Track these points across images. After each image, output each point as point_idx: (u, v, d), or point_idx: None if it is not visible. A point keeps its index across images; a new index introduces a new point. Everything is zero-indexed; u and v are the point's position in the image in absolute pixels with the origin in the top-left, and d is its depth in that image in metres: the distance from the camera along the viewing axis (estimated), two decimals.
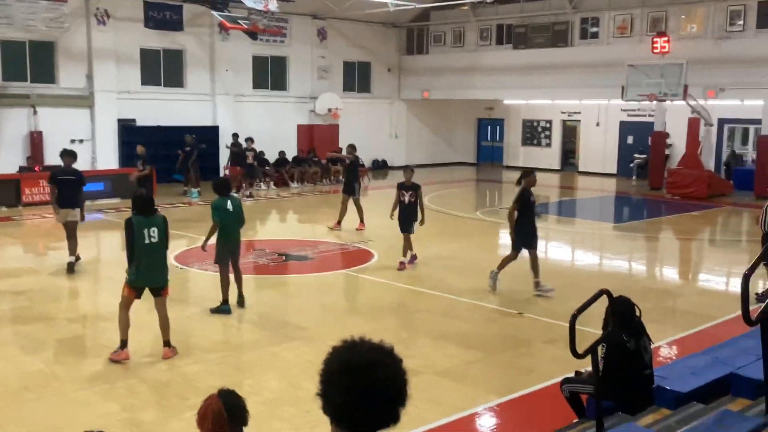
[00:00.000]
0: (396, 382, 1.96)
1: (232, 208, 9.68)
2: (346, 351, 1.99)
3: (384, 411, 1.95)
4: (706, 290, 12.06)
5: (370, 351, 1.99)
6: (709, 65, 21.93)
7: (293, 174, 24.67)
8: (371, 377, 1.92)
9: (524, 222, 10.67)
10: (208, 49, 25.05)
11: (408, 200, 12.27)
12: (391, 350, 2.01)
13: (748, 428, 3.73)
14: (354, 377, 1.92)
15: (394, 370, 1.97)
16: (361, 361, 1.95)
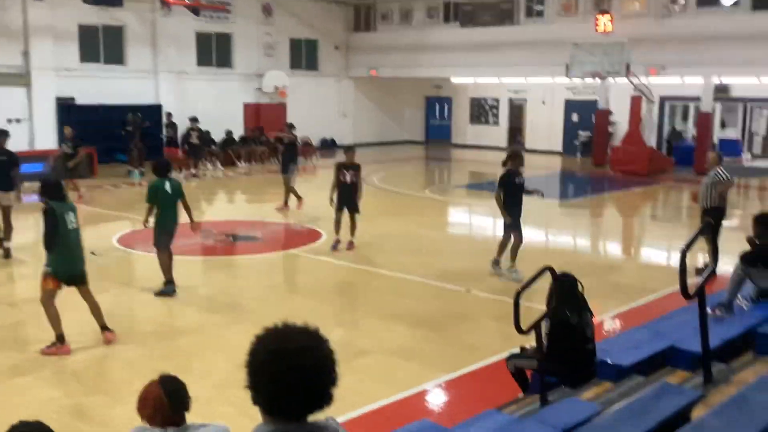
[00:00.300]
0: (326, 363, 1.96)
1: (170, 190, 9.45)
2: (271, 338, 1.96)
3: (317, 394, 1.94)
4: (647, 265, 12.37)
5: (297, 336, 1.96)
6: (651, 43, 22.32)
7: (240, 153, 24.35)
8: (301, 362, 1.90)
9: (512, 204, 10.47)
10: (150, 26, 24.39)
11: (350, 180, 11.96)
12: (317, 332, 2.00)
13: (686, 400, 3.83)
14: (283, 364, 1.89)
15: (322, 352, 1.96)
16: (289, 347, 1.92)
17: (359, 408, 6.21)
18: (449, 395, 6.72)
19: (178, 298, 9.48)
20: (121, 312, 9.06)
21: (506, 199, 10.41)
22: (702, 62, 21.82)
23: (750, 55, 21.11)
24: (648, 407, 3.72)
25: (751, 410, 3.46)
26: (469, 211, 17.84)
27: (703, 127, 22.82)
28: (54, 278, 7.44)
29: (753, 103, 25.27)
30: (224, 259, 12.08)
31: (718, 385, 4.48)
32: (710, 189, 10.43)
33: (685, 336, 5.64)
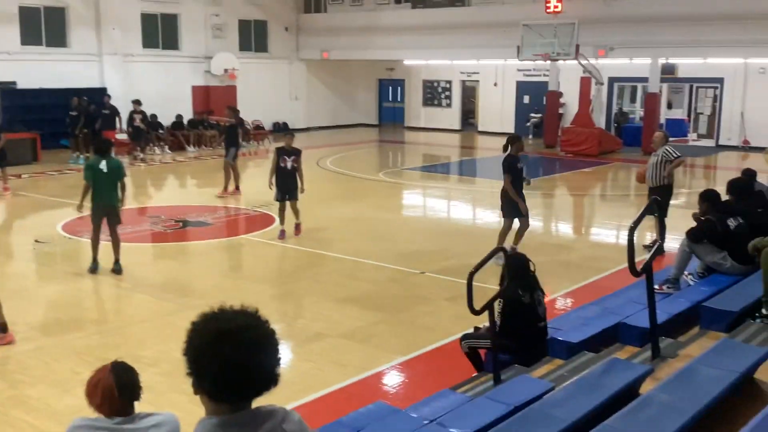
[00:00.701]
0: (269, 341, 1.92)
1: (106, 169, 9.30)
2: (211, 321, 1.90)
3: (263, 373, 1.90)
4: (597, 243, 12.57)
5: (237, 316, 1.91)
6: (600, 25, 22.57)
7: (189, 137, 23.93)
8: (245, 342, 1.85)
9: (517, 190, 10.31)
10: (93, 7, 23.68)
11: (290, 166, 11.55)
12: (256, 312, 1.95)
13: (634, 375, 3.89)
14: (228, 344, 1.84)
15: (263, 330, 1.92)
16: (231, 327, 1.87)
17: (314, 392, 6.18)
18: (404, 377, 6.73)
19: (127, 285, 9.30)
20: (68, 300, 8.86)
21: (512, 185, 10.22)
22: (649, 43, 22.19)
23: (695, 36, 21.54)
24: (598, 383, 3.76)
25: (696, 383, 3.53)
26: (423, 193, 17.88)
27: (651, 108, 23.22)
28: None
29: (698, 84, 25.81)
30: (174, 245, 11.87)
31: (666, 359, 4.56)
32: (658, 168, 10.61)
33: (634, 312, 5.74)
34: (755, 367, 3.91)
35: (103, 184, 9.36)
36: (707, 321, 5.32)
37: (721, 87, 24.95)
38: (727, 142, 24.81)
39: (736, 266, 6.76)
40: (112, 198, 9.47)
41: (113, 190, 9.44)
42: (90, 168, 9.39)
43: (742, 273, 6.64)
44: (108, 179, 9.34)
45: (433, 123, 31.50)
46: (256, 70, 28.46)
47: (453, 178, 21.02)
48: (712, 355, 3.96)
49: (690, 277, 7.24)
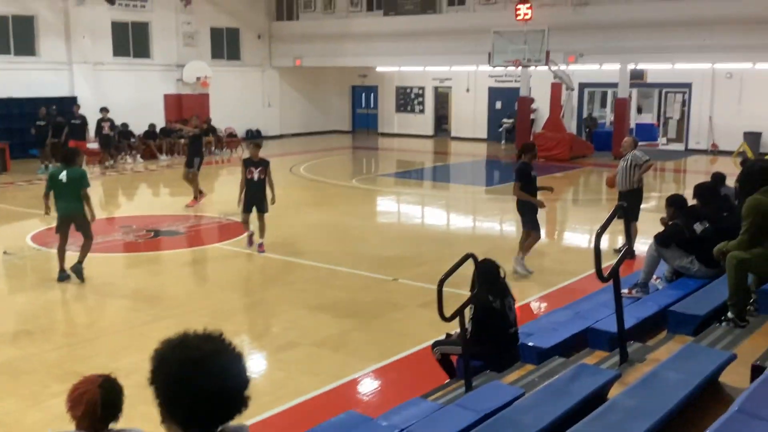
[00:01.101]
0: (238, 366, 1.90)
1: (65, 179, 9.33)
2: (179, 349, 1.88)
3: (236, 399, 1.89)
4: (569, 248, 12.68)
5: (204, 343, 1.89)
6: (570, 31, 22.83)
7: (162, 146, 23.76)
8: (215, 369, 1.84)
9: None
10: (63, 15, 23.46)
11: (257, 177, 11.17)
12: (221, 336, 1.94)
13: (603, 380, 3.94)
14: (199, 374, 1.82)
15: (232, 355, 1.91)
16: (201, 355, 1.85)
17: (286, 402, 6.17)
18: (376, 385, 6.74)
19: (98, 296, 9.21)
20: (37, 312, 8.75)
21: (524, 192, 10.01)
22: (618, 49, 22.48)
23: (663, 42, 21.88)
24: (566, 389, 3.80)
25: (662, 387, 3.58)
26: (396, 199, 17.92)
27: (620, 113, 23.51)
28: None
29: (667, 89, 26.19)
30: (146, 255, 11.77)
31: (634, 363, 4.62)
32: (627, 172, 10.76)
33: (604, 317, 5.80)
34: (720, 370, 3.97)
35: (62, 194, 9.40)
36: (674, 325, 5.39)
37: (689, 92, 25.34)
38: (696, 146, 25.20)
39: (703, 270, 6.87)
40: (72, 208, 9.43)
41: (74, 200, 9.41)
42: (50, 178, 9.51)
43: (709, 276, 6.74)
44: (67, 189, 9.35)
45: (407, 129, 31.60)
46: (229, 78, 28.35)
47: (426, 184, 21.09)
48: (678, 360, 4.01)
49: (658, 281, 7.34)
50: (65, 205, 9.45)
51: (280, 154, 25.59)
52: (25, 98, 21.81)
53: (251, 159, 11.36)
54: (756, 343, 4.70)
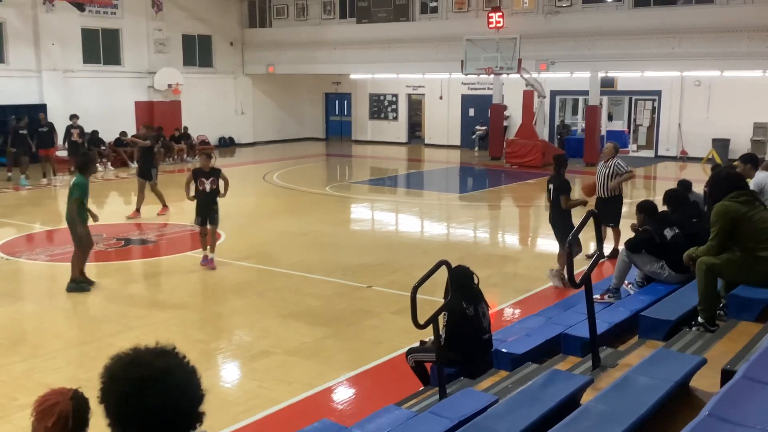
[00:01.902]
0: (192, 382, 1.86)
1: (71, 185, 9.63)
2: (130, 367, 1.82)
3: (190, 415, 1.84)
4: (542, 254, 12.73)
5: (156, 359, 1.84)
6: (541, 39, 23.05)
7: (132, 154, 23.47)
8: (169, 387, 1.80)
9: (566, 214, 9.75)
10: (32, 22, 23.16)
11: (210, 188, 10.77)
12: (174, 350, 1.89)
13: (575, 385, 3.95)
14: (151, 392, 1.78)
15: (185, 371, 1.86)
16: (153, 373, 1.80)
17: (259, 411, 6.11)
18: (351, 393, 6.71)
19: (67, 306, 9.06)
20: (5, 323, 8.58)
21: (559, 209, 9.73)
22: (588, 57, 22.75)
23: (633, 50, 22.17)
24: (539, 395, 3.81)
25: (633, 392, 3.60)
26: (370, 206, 17.91)
27: (591, 120, 23.76)
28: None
29: (637, 96, 26.52)
30: (116, 264, 11.61)
31: (606, 369, 4.65)
32: (608, 180, 10.91)
33: (576, 322, 5.84)
34: (690, 375, 4.01)
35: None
36: (645, 330, 5.44)
37: (659, 99, 25.69)
38: (665, 153, 25.54)
39: (673, 275, 6.95)
40: (66, 214, 9.67)
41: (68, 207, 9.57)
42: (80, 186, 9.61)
43: (679, 281, 6.82)
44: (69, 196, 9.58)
45: (380, 136, 31.65)
46: (201, 85, 28.19)
47: (400, 191, 21.11)
48: (649, 365, 4.04)
49: (630, 287, 7.41)
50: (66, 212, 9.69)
51: (253, 161, 25.47)
52: None
53: (201, 169, 10.89)
54: (726, 347, 4.75)
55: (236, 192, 12.62)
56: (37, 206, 16.89)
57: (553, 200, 9.79)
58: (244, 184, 20.21)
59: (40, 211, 16.28)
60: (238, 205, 15.84)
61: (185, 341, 7.58)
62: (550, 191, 9.85)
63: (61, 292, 9.53)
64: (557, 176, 9.83)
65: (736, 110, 23.39)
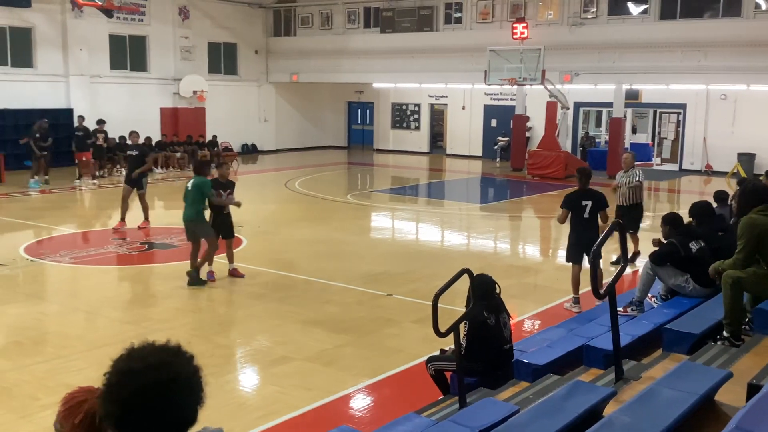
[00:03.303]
0: (181, 381, 1.82)
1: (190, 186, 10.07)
2: (124, 359, 1.83)
3: (176, 414, 1.81)
4: (564, 266, 12.63)
5: (151, 353, 1.84)
6: (565, 51, 22.98)
7: (157, 159, 23.69)
8: (153, 380, 1.78)
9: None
10: (60, 27, 23.52)
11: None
12: (178, 348, 1.88)
13: (598, 397, 3.91)
14: (133, 384, 1.77)
15: (180, 368, 1.83)
16: (141, 365, 1.80)
17: (278, 416, 6.11)
18: (370, 400, 6.69)
19: (90, 308, 9.14)
20: (29, 324, 8.68)
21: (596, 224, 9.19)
22: (613, 69, 22.63)
23: (658, 62, 22.03)
24: (561, 406, 3.77)
25: (658, 405, 3.56)
26: (390, 215, 17.91)
27: (615, 132, 23.60)
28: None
29: (662, 109, 26.32)
30: (139, 267, 11.71)
31: (629, 381, 4.59)
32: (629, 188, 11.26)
33: (598, 334, 5.79)
34: (715, 389, 3.95)
35: (186, 201, 10.08)
36: (669, 343, 5.37)
37: (683, 112, 25.47)
38: (690, 167, 25.30)
39: (698, 289, 6.86)
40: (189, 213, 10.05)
41: (193, 207, 10.01)
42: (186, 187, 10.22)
43: (704, 296, 6.74)
44: (189, 196, 10.03)
45: (402, 146, 31.67)
46: (225, 93, 28.41)
47: (421, 201, 21.09)
48: (674, 378, 3.99)
49: (653, 300, 7.33)
50: (186, 211, 10.10)
51: (275, 168, 25.60)
52: (20, 109, 21.79)
53: (218, 180, 10.55)
54: (751, 361, 4.68)
55: (258, 198, 12.69)
56: (63, 209, 17.08)
57: (590, 216, 9.09)
58: (265, 191, 20.32)
59: (65, 214, 16.46)
60: (259, 211, 15.92)
61: (206, 345, 7.62)
62: (585, 208, 9.07)
63: (82, 295, 9.61)
64: (591, 190, 9.30)
65: (763, 124, 23.14)
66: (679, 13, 22.46)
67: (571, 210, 9.14)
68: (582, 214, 9.07)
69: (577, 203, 9.12)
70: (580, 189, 9.26)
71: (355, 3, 28.98)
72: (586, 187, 9.24)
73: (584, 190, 9.22)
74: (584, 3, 23.93)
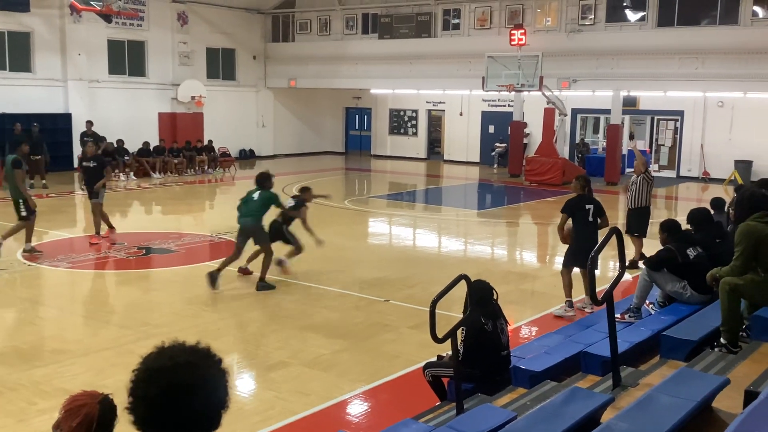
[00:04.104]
0: (209, 383, 1.84)
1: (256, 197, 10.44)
2: (154, 357, 1.85)
3: (198, 416, 1.83)
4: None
5: (180, 353, 1.86)
6: (563, 57, 23.05)
7: (155, 164, 23.73)
8: (178, 381, 1.80)
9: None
10: (59, 32, 23.54)
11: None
12: (207, 351, 1.90)
13: (596, 404, 3.91)
14: (158, 383, 1.79)
15: (205, 371, 1.85)
16: (168, 364, 1.82)
17: (275, 422, 6.11)
18: (367, 406, 6.68)
19: (88, 313, 9.13)
20: (26, 329, 8.67)
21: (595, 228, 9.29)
22: (611, 76, 22.70)
23: (655, 69, 22.11)
24: (559, 412, 3.77)
25: (655, 411, 3.56)
26: (388, 221, 17.91)
27: (613, 139, 23.65)
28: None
29: (660, 116, 26.39)
30: (137, 272, 11.69)
31: (627, 388, 4.60)
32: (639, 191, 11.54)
33: (596, 341, 5.79)
34: (713, 395, 3.96)
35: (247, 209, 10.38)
36: (667, 350, 5.38)
37: (681, 119, 25.54)
38: (687, 174, 25.36)
39: (695, 296, 6.87)
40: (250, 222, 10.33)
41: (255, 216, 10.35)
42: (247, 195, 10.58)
43: (701, 302, 6.75)
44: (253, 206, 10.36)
45: (400, 151, 31.71)
46: (224, 98, 28.45)
47: (418, 207, 21.10)
48: (671, 384, 4.00)
49: (651, 306, 7.34)
50: (246, 219, 10.33)
51: (273, 174, 25.58)
52: (18, 113, 21.77)
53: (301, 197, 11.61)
54: (749, 368, 4.69)
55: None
56: (61, 213, 17.06)
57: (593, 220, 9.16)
58: None
59: (63, 218, 16.44)
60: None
61: None
62: (588, 212, 9.12)
63: (80, 300, 9.60)
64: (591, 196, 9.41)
65: (760, 132, 23.21)
66: (677, 20, 22.55)
67: (574, 215, 9.16)
68: (586, 218, 9.12)
69: (581, 207, 9.16)
70: (582, 194, 9.32)
71: (354, 9, 29.05)
72: (587, 192, 9.34)
73: (585, 195, 9.30)
74: (582, 10, 24.03)
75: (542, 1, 25.01)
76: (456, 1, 26.69)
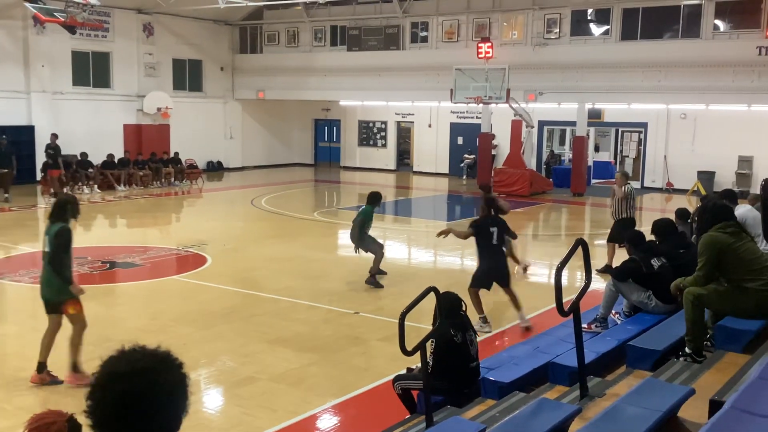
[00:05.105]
0: (166, 388, 1.81)
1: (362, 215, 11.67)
2: (113, 361, 1.82)
3: (156, 421, 1.80)
4: (529, 283, 12.73)
5: (139, 358, 1.83)
6: (529, 70, 23.31)
7: (120, 176, 23.41)
8: (135, 386, 1.77)
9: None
10: (21, 44, 23.18)
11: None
12: (166, 355, 1.87)
13: (564, 414, 3.92)
14: (115, 388, 1.76)
15: (164, 376, 1.82)
16: (125, 369, 1.79)
17: None
18: (336, 420, 6.63)
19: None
20: None
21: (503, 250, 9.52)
22: (576, 89, 23.01)
23: (619, 82, 22.45)
24: (527, 423, 3.77)
25: (622, 422, 3.58)
26: None
27: (578, 150, 23.93)
28: None
29: (624, 128, 26.78)
30: (100, 287, 11.49)
31: (594, 398, 4.62)
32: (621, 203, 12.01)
33: (564, 351, 5.82)
34: (678, 405, 3.99)
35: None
36: (633, 360, 5.42)
37: (645, 131, 25.94)
38: (651, 184, 25.73)
39: (660, 305, 6.95)
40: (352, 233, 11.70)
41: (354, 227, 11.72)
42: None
43: (666, 312, 6.83)
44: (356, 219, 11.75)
45: (369, 163, 31.73)
46: (191, 109, 28.23)
47: (388, 218, 21.08)
48: (637, 394, 4.02)
49: (617, 316, 7.40)
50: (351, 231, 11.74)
51: (241, 186, 25.43)
52: None
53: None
54: (713, 378, 4.74)
55: (224, 216, 12.57)
56: (23, 227, 16.74)
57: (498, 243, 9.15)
58: (231, 209, 20.16)
59: (25, 232, 16.13)
60: (225, 229, 15.78)
61: None
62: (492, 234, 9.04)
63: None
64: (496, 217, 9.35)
65: (722, 143, 23.65)
66: (640, 34, 22.94)
67: (479, 235, 9.16)
68: (491, 240, 9.09)
69: (485, 229, 9.13)
70: (486, 216, 9.31)
71: (322, 21, 29.08)
72: (491, 213, 9.32)
73: (490, 217, 9.28)
74: (548, 24, 24.33)
75: (508, 15, 25.28)
76: (424, 14, 26.86)
